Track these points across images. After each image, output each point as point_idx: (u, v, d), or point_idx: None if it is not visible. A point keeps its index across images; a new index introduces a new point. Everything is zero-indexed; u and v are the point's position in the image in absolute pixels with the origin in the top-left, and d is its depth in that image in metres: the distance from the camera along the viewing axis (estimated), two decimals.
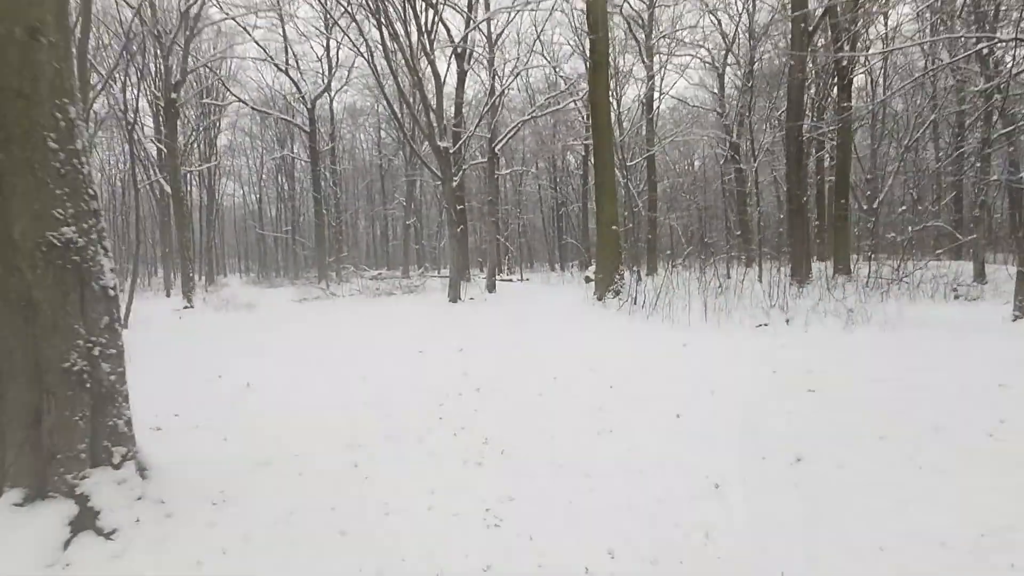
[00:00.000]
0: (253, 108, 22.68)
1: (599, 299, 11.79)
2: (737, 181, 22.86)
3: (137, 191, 12.20)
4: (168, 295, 20.58)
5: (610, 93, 12.81)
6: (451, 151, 13.81)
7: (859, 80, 22.06)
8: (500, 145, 16.35)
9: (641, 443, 3.64)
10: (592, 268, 19.84)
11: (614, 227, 11.35)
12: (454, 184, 13.91)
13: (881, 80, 21.69)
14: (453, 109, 17.37)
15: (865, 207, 19.50)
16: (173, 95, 16.60)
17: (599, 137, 11.83)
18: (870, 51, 17.21)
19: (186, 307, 16.08)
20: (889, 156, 21.44)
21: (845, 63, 16.22)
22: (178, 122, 23.66)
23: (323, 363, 6.74)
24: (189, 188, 29.57)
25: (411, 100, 15.16)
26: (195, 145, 26.13)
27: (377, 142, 30.09)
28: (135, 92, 11.04)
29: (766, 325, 8.60)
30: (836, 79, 16.35)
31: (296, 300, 17.33)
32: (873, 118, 20.41)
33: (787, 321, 8.47)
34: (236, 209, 37.20)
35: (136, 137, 14.07)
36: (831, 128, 20.58)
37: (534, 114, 15.54)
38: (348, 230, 32.41)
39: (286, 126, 28.02)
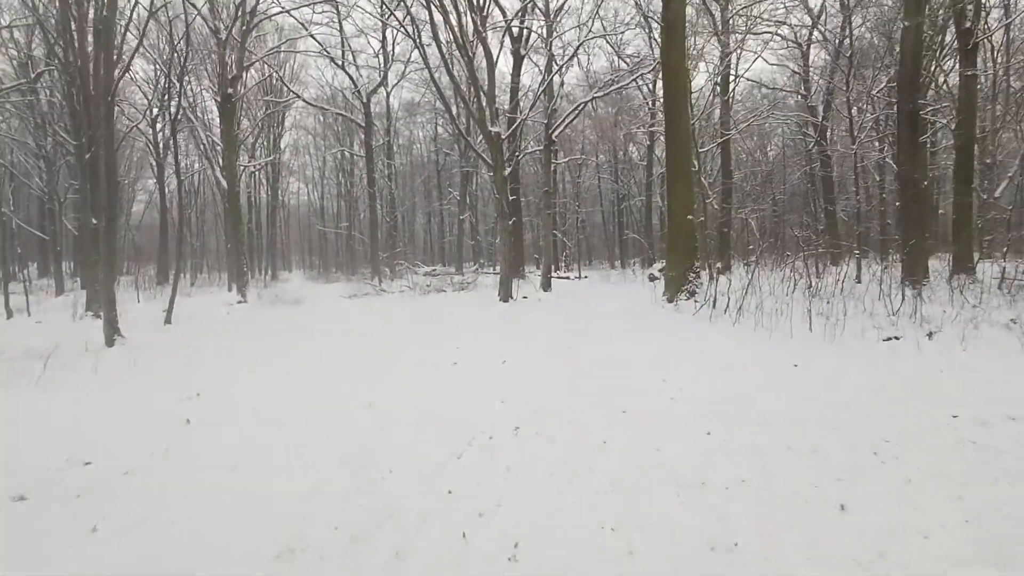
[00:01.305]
0: (308, 103, 22.16)
1: (669, 301, 9.89)
2: (823, 168, 20.00)
3: (180, 183, 11.55)
4: (230, 289, 20.40)
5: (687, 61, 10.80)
6: (503, 137, 12.29)
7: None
8: (557, 132, 14.66)
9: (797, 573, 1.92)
10: (658, 265, 17.72)
11: (689, 216, 9.40)
12: (506, 173, 12.38)
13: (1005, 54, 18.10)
14: (509, 95, 15.85)
15: (984, 197, 16.27)
16: (229, 90, 16.09)
17: (673, 111, 9.90)
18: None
19: (239, 302, 15.55)
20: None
21: (968, 25, 13.41)
22: (243, 118, 23.67)
23: (332, 378, 5.38)
24: (257, 186, 29.93)
25: (462, 85, 13.77)
26: (260, 143, 26.17)
27: (434, 136, 29.13)
28: (175, 83, 10.27)
29: (897, 339, 6.48)
30: (957, 42, 13.42)
31: (346, 296, 16.46)
32: (994, 95, 17.03)
33: (929, 335, 6.31)
34: (301, 207, 37.61)
35: (189, 130, 13.60)
36: (942, 105, 17.45)
37: (596, 95, 13.70)
38: (405, 226, 31.74)
39: (347, 124, 27.59)
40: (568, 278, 19.95)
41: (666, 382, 4.97)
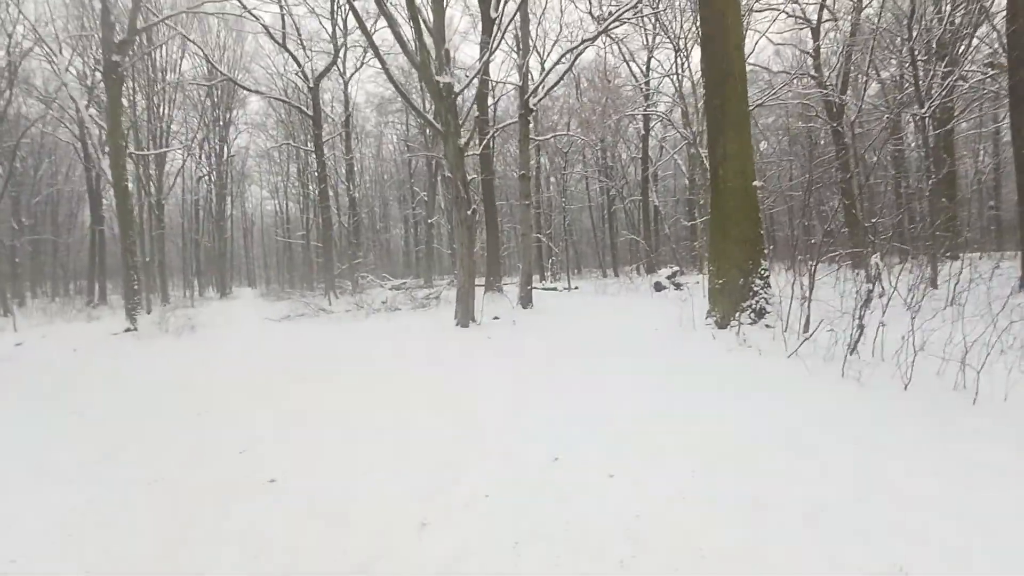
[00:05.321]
0: (245, 88, 17.90)
1: (720, 325, 5.72)
2: (837, 149, 16.25)
3: None
4: (148, 311, 15.93)
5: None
6: (456, 92, 8.15)
7: None
8: (537, 98, 10.61)
9: None
10: (666, 271, 13.54)
11: (756, 183, 5.26)
12: (462, 143, 8.20)
13: None
14: (478, 55, 11.75)
15: None
16: (115, 57, 11.83)
17: (716, 23, 5.82)
18: None
19: (127, 330, 11.23)
20: None
21: None
22: (165, 103, 19.35)
23: None
24: (211, 194, 25.54)
25: (399, 22, 9.61)
26: (209, 138, 21.88)
27: (405, 136, 24.96)
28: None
29: None
30: None
31: (275, 319, 12.16)
32: None
33: None
34: (267, 217, 33.05)
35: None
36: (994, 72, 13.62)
37: (587, 39, 9.60)
38: (376, 235, 27.36)
39: (306, 123, 23.31)
40: (555, 289, 15.78)
41: None
